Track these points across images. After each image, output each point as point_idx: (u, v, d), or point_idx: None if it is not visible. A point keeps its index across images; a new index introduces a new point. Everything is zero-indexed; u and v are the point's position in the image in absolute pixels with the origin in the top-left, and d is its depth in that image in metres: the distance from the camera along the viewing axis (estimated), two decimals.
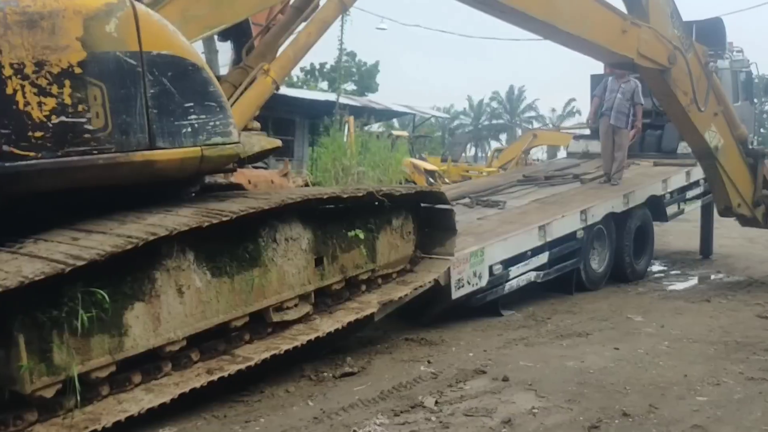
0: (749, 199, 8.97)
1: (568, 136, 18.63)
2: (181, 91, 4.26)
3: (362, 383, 4.77)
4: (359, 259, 5.39)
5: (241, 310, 4.43)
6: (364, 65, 44.91)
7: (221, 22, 5.04)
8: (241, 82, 5.34)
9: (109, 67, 3.97)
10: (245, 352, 4.36)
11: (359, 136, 20.12)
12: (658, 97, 8.71)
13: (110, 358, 3.69)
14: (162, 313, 3.95)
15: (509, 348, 5.70)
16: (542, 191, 9.52)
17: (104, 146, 3.95)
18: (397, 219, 5.81)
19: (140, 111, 4.08)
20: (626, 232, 8.78)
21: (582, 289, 8.09)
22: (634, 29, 7.45)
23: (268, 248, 4.62)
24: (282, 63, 5.51)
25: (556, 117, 60.84)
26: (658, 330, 6.36)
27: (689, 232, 13.64)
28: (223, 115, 4.50)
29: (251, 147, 4.88)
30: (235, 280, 4.37)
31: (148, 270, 3.89)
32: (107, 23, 3.98)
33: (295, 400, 4.42)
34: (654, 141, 11.36)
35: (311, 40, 5.62)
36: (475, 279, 6.47)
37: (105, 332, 3.65)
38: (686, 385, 4.75)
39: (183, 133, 4.29)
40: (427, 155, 28.97)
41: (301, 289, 4.87)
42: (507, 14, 6.66)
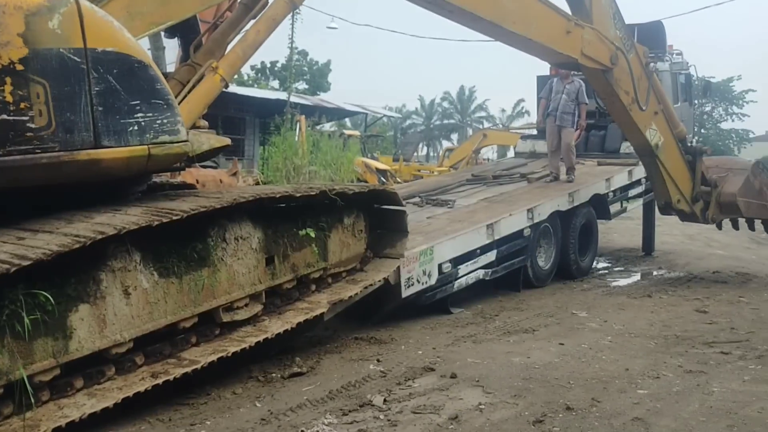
0: (688, 195, 9.30)
1: (516, 135, 18.93)
2: (128, 88, 4.20)
3: (311, 383, 4.75)
4: (311, 258, 5.38)
5: (189, 310, 4.38)
6: (315, 64, 44.74)
7: (168, 19, 4.98)
8: (189, 79, 5.28)
9: (52, 64, 3.89)
10: (191, 355, 4.29)
11: (311, 135, 20.02)
12: (601, 97, 8.95)
13: (54, 361, 3.62)
14: (108, 314, 3.89)
15: (458, 345, 5.76)
16: (490, 190, 9.65)
17: (48, 145, 3.86)
18: (349, 218, 5.82)
19: (85, 109, 4.00)
20: (571, 230, 8.97)
21: (529, 286, 8.24)
22: (578, 30, 7.63)
23: (218, 248, 4.57)
24: (231, 61, 5.46)
25: (506, 117, 61.76)
26: (601, 325, 6.52)
27: (632, 229, 14.05)
28: (171, 113, 4.44)
29: (200, 145, 4.83)
30: (184, 280, 4.32)
31: (93, 271, 3.82)
32: (50, 19, 3.89)
33: (242, 402, 4.38)
34: (598, 141, 11.65)
35: (260, 37, 5.57)
36: (425, 277, 6.52)
37: (49, 335, 3.57)
38: (627, 379, 4.88)
39: (129, 132, 4.21)
40: (379, 155, 29.04)
41: (251, 288, 4.84)
42: (455, 14, 6.74)
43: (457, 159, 24.11)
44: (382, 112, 37.70)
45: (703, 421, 4.10)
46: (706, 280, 9.35)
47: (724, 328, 6.46)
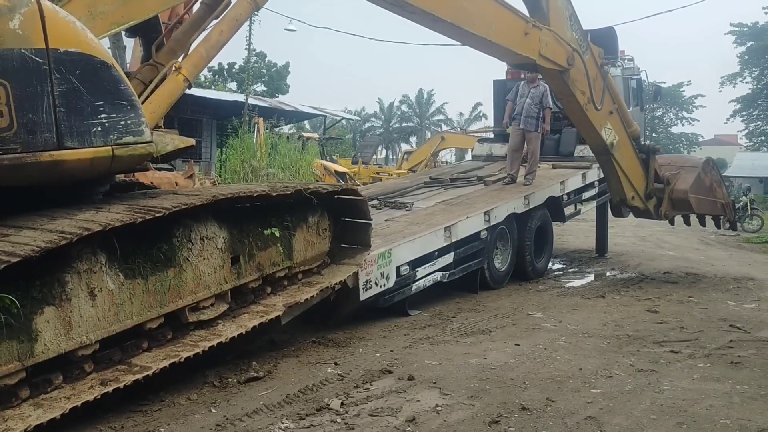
0: (642, 192, 9.58)
1: (474, 139, 19.12)
2: (90, 89, 4.18)
3: (267, 388, 4.71)
4: (276, 257, 5.40)
5: (156, 311, 4.37)
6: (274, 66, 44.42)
7: (130, 19, 4.96)
8: (151, 79, 5.30)
9: (14, 64, 3.86)
10: (143, 361, 4.21)
11: (269, 137, 19.88)
12: (558, 97, 9.14)
13: (20, 364, 3.58)
14: (73, 316, 3.86)
15: (415, 347, 5.78)
16: (448, 193, 9.71)
17: (9, 146, 3.82)
18: (313, 216, 5.85)
19: (47, 110, 3.97)
20: (527, 232, 9.09)
21: (486, 288, 8.31)
22: (536, 32, 7.78)
23: (183, 248, 4.57)
24: (194, 61, 5.46)
25: (464, 120, 62.32)
26: (556, 325, 6.63)
27: (586, 231, 14.32)
28: (135, 114, 4.43)
29: (164, 146, 4.82)
30: (150, 281, 4.31)
31: (58, 273, 3.79)
32: (11, 19, 3.86)
33: (197, 408, 4.31)
34: (552, 145, 11.83)
35: (223, 38, 5.58)
36: (383, 280, 6.52)
37: (13, 338, 3.54)
38: (581, 378, 4.97)
39: (93, 133, 4.19)
40: (338, 157, 29.03)
41: (217, 288, 4.84)
42: (416, 15, 6.81)
43: (416, 162, 24.26)
44: (341, 115, 37.68)
45: (654, 419, 4.20)
46: (657, 281, 9.59)
47: (675, 328, 6.63)
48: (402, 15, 6.84)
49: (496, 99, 12.70)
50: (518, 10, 7.68)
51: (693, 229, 17.48)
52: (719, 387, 4.82)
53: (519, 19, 7.64)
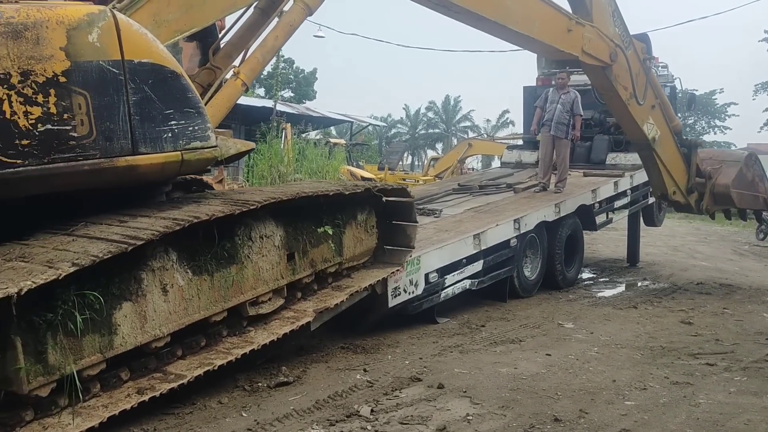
0: (683, 186, 9.47)
1: (502, 146, 19.01)
2: (162, 97, 4.40)
3: (297, 393, 4.71)
4: (327, 253, 5.61)
5: (220, 305, 4.61)
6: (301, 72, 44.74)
7: (192, 26, 5.11)
8: (209, 82, 5.51)
9: (93, 76, 4.09)
10: (177, 369, 4.27)
11: (296, 143, 19.97)
12: (600, 92, 9.09)
13: (101, 356, 3.84)
14: (148, 311, 4.11)
15: (444, 355, 5.73)
16: (477, 200, 9.65)
17: (89, 153, 4.06)
18: (362, 214, 6.00)
19: (123, 118, 4.21)
20: (557, 241, 8.99)
21: (515, 297, 8.23)
22: (579, 28, 7.75)
23: (244, 246, 4.80)
24: (251, 65, 5.64)
25: (491, 127, 62.08)
26: (587, 336, 6.53)
27: (616, 240, 14.13)
28: (201, 120, 4.64)
29: (227, 150, 5.05)
30: (215, 277, 4.55)
31: (134, 270, 4.03)
32: (90, 33, 4.07)
33: (229, 412, 4.33)
34: (583, 152, 11.71)
35: (278, 43, 5.79)
36: (412, 287, 6.49)
37: (96, 332, 3.80)
38: (614, 390, 4.89)
39: (164, 139, 4.42)
40: (364, 163, 29.04)
41: (274, 283, 5.07)
42: (461, 15, 6.89)
43: (442, 168, 24.14)
44: (368, 121, 37.80)
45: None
46: (690, 292, 9.41)
47: (709, 340, 6.49)
48: (446, 14, 6.91)
49: (525, 106, 12.60)
50: (561, 7, 7.68)
51: (726, 239, 17.20)
52: (757, 401, 4.71)
53: (562, 16, 7.64)
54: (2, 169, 3.77)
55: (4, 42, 3.78)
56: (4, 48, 3.78)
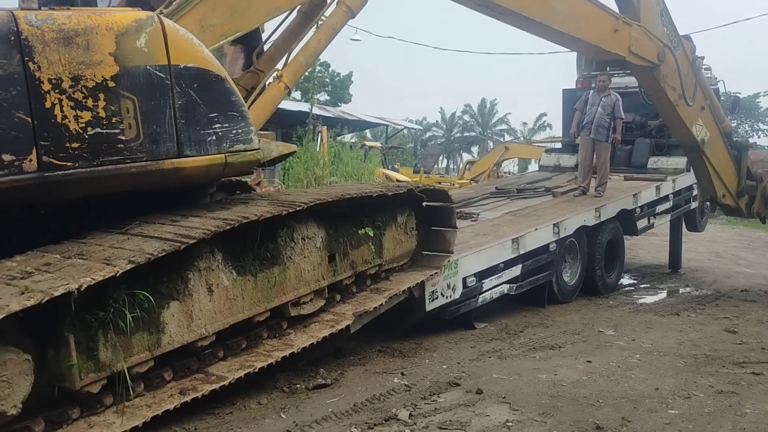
0: (733, 189, 9.26)
1: (539, 149, 18.80)
2: (206, 101, 4.49)
3: (335, 395, 4.72)
4: (368, 255, 5.67)
5: (263, 305, 4.70)
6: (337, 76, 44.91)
7: (236, 30, 5.19)
8: (252, 85, 5.58)
9: (140, 80, 4.19)
10: (219, 371, 4.32)
11: (332, 146, 20.08)
12: (648, 93, 8.91)
13: (149, 354, 3.94)
14: (194, 310, 4.21)
15: (482, 360, 5.69)
16: (515, 204, 9.57)
17: (136, 155, 4.17)
18: (402, 216, 6.04)
19: (169, 121, 4.31)
20: (598, 246, 8.85)
21: (554, 302, 8.13)
22: (626, 28, 7.63)
23: (287, 247, 4.87)
24: (294, 69, 5.71)
25: (528, 130, 61.57)
26: (629, 343, 6.41)
27: (657, 245, 13.87)
28: (245, 123, 4.73)
29: (270, 152, 5.12)
30: (258, 277, 4.65)
31: (181, 271, 4.13)
32: (138, 38, 4.18)
33: (268, 413, 4.35)
34: (624, 156, 11.52)
35: (321, 46, 5.83)
36: (449, 291, 6.46)
37: (145, 330, 3.90)
38: (658, 398, 4.79)
39: (208, 142, 4.52)
40: (399, 166, 29.04)
41: (315, 284, 5.14)
42: (505, 16, 6.84)
43: (479, 172, 23.98)
44: (403, 124, 37.80)
45: None
46: (734, 299, 9.17)
47: (755, 348, 6.32)
48: (490, 15, 6.86)
49: (565, 108, 12.46)
50: (607, 7, 7.56)
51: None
52: None
53: (608, 15, 7.52)
54: (53, 172, 3.86)
55: (56, 48, 3.87)
56: (56, 54, 3.87)
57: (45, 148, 3.83)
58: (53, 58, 3.86)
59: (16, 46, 3.77)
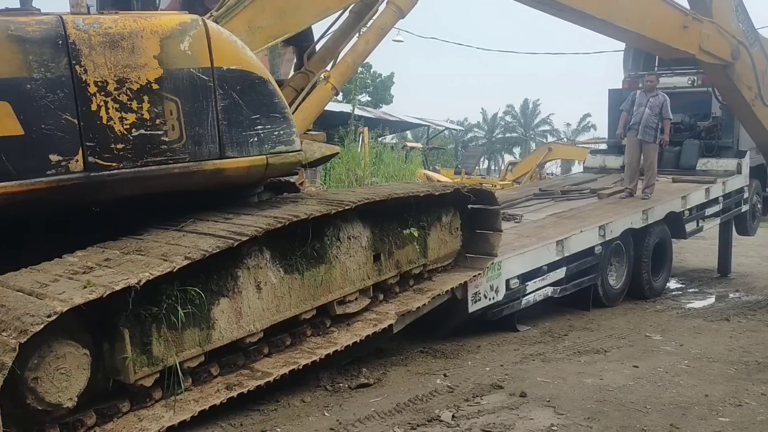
0: None
1: (583, 150, 18.55)
2: (249, 103, 4.56)
3: (378, 395, 4.73)
4: (412, 255, 5.69)
5: (309, 303, 4.77)
6: (379, 77, 45.01)
7: (285, 32, 5.25)
8: (303, 86, 5.59)
9: (184, 82, 4.27)
10: (264, 367, 4.39)
11: (373, 147, 20.12)
12: (721, 92, 8.62)
13: (200, 349, 4.05)
14: (243, 307, 4.30)
15: (526, 363, 5.63)
16: (559, 205, 9.44)
17: (179, 156, 4.27)
18: (447, 216, 6.05)
19: (212, 123, 4.39)
20: (644, 249, 8.66)
21: (599, 306, 7.99)
22: (696, 25, 7.36)
23: (333, 246, 4.94)
24: (342, 70, 5.72)
25: (571, 131, 60.71)
26: (677, 348, 6.27)
27: (705, 249, 13.50)
28: (287, 125, 4.77)
29: (312, 154, 5.20)
30: (305, 276, 4.72)
31: (231, 268, 4.23)
32: (182, 42, 4.25)
33: (311, 411, 4.39)
34: (672, 157, 11.24)
35: (369, 47, 5.80)
36: (492, 293, 6.41)
37: (196, 326, 4.01)
38: (707, 405, 4.68)
39: (250, 143, 4.58)
40: (440, 167, 28.95)
41: (361, 283, 5.20)
42: (565, 13, 6.69)
43: (521, 173, 23.75)
44: (444, 125, 37.65)
45: None
46: None
47: None
48: (549, 12, 6.73)
49: (610, 109, 12.21)
50: (676, 3, 7.31)
51: None
52: None
53: (677, 11, 7.27)
54: (99, 172, 3.98)
55: (102, 51, 3.97)
56: (102, 57, 3.97)
57: (91, 149, 3.94)
58: (99, 61, 3.96)
59: (64, 49, 3.88)
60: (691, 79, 11.26)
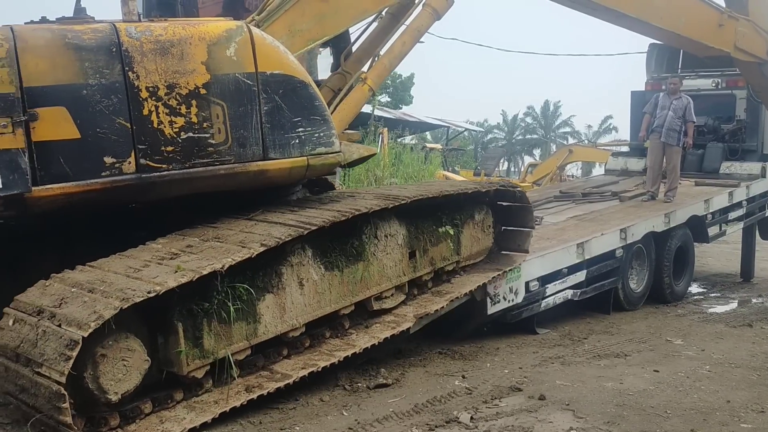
0: None
1: (604, 152, 18.36)
2: (291, 106, 4.73)
3: (396, 395, 4.74)
4: (446, 252, 5.82)
5: (348, 299, 4.94)
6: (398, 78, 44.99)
7: (324, 35, 5.40)
8: (340, 87, 5.74)
9: (230, 87, 4.44)
10: (283, 369, 4.45)
11: (393, 147, 20.12)
12: (756, 90, 8.57)
13: (247, 342, 4.24)
14: (287, 303, 4.49)
15: (545, 366, 5.61)
16: (580, 208, 9.39)
17: (225, 158, 4.47)
18: (479, 214, 6.17)
19: (255, 126, 4.57)
20: (666, 252, 8.58)
21: (619, 309, 7.93)
22: (731, 23, 7.36)
23: (371, 244, 5.09)
24: (378, 71, 5.87)
25: (592, 133, 60.25)
26: (698, 353, 6.20)
27: (728, 253, 13.34)
28: (327, 127, 4.91)
29: (350, 155, 5.33)
30: (344, 273, 4.88)
31: (276, 266, 4.41)
32: (228, 48, 4.43)
33: (330, 410, 4.42)
34: (695, 160, 11.13)
35: (405, 48, 5.92)
36: (511, 295, 6.39)
37: (243, 320, 4.20)
38: (729, 411, 4.63)
39: (291, 145, 4.76)
40: (460, 168, 28.89)
41: (397, 280, 5.34)
42: (599, 12, 6.75)
43: (541, 175, 23.59)
44: (464, 126, 37.57)
45: None
46: None
47: None
48: (584, 12, 6.78)
49: (633, 111, 12.10)
50: (712, 1, 7.29)
51: None
52: None
53: (712, 9, 7.27)
54: (150, 173, 4.17)
55: (153, 58, 4.16)
56: (153, 63, 4.16)
57: (142, 152, 4.15)
58: (150, 67, 4.16)
59: (118, 56, 4.10)
60: (715, 82, 11.14)
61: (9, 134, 3.82)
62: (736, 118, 11.14)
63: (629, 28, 7.12)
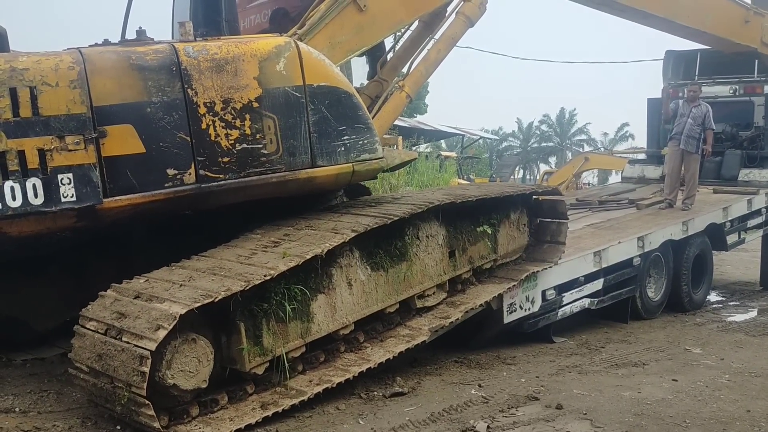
0: None
1: (621, 160, 18.25)
2: (336, 116, 4.98)
3: (412, 404, 4.73)
4: (484, 251, 6.04)
5: (393, 298, 5.17)
6: None
7: (362, 45, 5.59)
8: (377, 94, 5.97)
9: (280, 100, 4.69)
10: (298, 385, 4.48)
11: None
12: None
13: (302, 341, 4.49)
14: (337, 302, 4.73)
15: (562, 375, 5.57)
16: (596, 216, 9.34)
17: (276, 167, 4.74)
18: (515, 213, 6.41)
19: (304, 136, 4.83)
20: (684, 261, 8.51)
21: (637, 318, 7.88)
22: (758, 19, 7.40)
23: (413, 244, 5.32)
24: (415, 78, 6.03)
25: (608, 141, 59.92)
26: (717, 363, 6.14)
27: (747, 261, 13.21)
28: (370, 134, 5.13)
29: (392, 160, 5.58)
30: (389, 272, 5.12)
31: (327, 267, 4.63)
32: (277, 63, 4.68)
33: (346, 418, 4.41)
34: (713, 168, 11.03)
35: (441, 56, 6.10)
36: (528, 304, 6.37)
37: (298, 320, 4.45)
38: (749, 421, 4.56)
39: (338, 152, 5.01)
40: (475, 176, 28.84)
41: (438, 278, 5.56)
42: (626, 13, 6.82)
43: (557, 182, 23.43)
44: (479, 134, 37.52)
45: None
46: None
47: None
48: (610, 12, 6.86)
49: (650, 118, 12.05)
50: None
51: None
52: None
53: (738, 6, 7.30)
54: (208, 183, 4.42)
55: (209, 75, 4.41)
56: (210, 80, 4.41)
57: (201, 163, 4.41)
58: (207, 84, 4.41)
59: (177, 75, 4.35)
60: (733, 89, 11.06)
61: (81, 151, 4.13)
62: (755, 124, 11.05)
63: (655, 27, 7.16)
